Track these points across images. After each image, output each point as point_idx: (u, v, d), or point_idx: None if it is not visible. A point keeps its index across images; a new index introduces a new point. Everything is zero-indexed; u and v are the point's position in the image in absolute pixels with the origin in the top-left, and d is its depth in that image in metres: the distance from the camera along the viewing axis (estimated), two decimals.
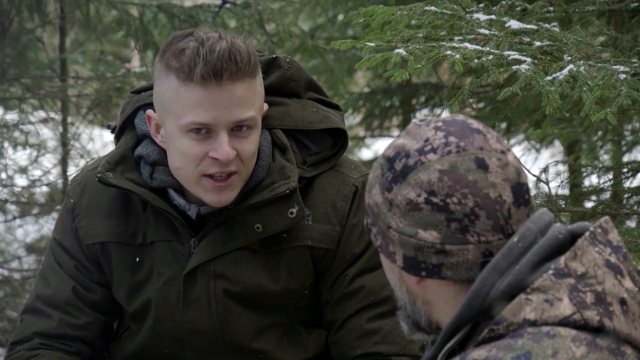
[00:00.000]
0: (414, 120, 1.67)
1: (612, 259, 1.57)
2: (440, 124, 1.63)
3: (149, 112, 2.21)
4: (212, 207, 2.24)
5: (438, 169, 1.58)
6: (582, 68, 2.76)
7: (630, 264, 1.59)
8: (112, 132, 2.35)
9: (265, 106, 2.23)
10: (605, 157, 4.96)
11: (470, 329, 1.59)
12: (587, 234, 1.58)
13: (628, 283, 1.57)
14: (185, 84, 2.09)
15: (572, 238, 1.61)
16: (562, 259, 1.55)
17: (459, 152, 1.58)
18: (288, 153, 2.26)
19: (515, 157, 1.62)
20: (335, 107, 2.37)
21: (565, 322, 1.51)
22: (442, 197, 1.57)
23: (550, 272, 1.54)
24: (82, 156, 5.55)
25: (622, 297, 1.55)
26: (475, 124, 1.63)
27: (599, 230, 1.60)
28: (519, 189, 1.59)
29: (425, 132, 1.62)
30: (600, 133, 4.63)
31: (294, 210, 2.22)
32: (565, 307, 1.52)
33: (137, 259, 2.31)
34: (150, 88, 2.28)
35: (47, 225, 5.70)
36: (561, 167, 4.30)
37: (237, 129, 2.14)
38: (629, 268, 1.59)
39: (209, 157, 2.14)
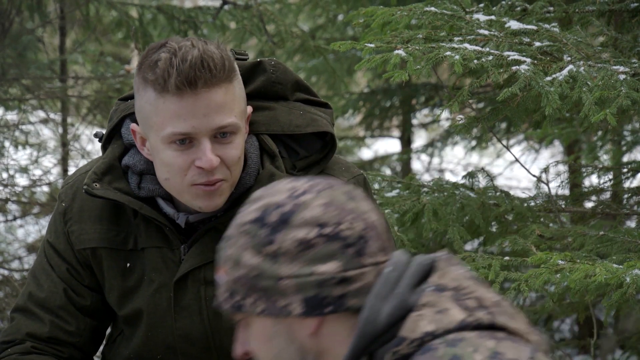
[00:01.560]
0: (255, 193, 1.73)
1: (470, 274, 1.68)
2: (289, 179, 1.71)
3: (133, 126, 2.20)
4: (201, 215, 2.23)
5: (319, 203, 1.64)
6: (582, 68, 2.76)
7: (482, 280, 1.71)
8: (100, 140, 2.34)
9: (249, 109, 2.21)
10: (605, 157, 4.96)
11: None
12: (441, 257, 1.68)
13: (490, 292, 1.67)
14: (162, 96, 2.08)
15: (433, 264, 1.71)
16: (434, 278, 1.64)
17: (330, 188, 1.67)
18: (277, 160, 2.25)
19: None
20: (324, 105, 2.36)
21: (463, 326, 1.59)
22: (333, 226, 1.62)
23: (430, 289, 1.62)
24: (82, 156, 5.55)
25: (496, 300, 1.64)
26: None
27: (446, 256, 1.70)
28: (384, 216, 1.72)
29: (283, 187, 1.69)
30: (600, 133, 4.64)
31: None
32: (457, 313, 1.60)
33: (128, 264, 2.30)
34: None
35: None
36: (561, 168, 4.30)
37: (220, 135, 2.12)
38: (484, 282, 1.70)
39: (194, 166, 2.13)
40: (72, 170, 5.73)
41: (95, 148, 5.97)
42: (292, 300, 1.62)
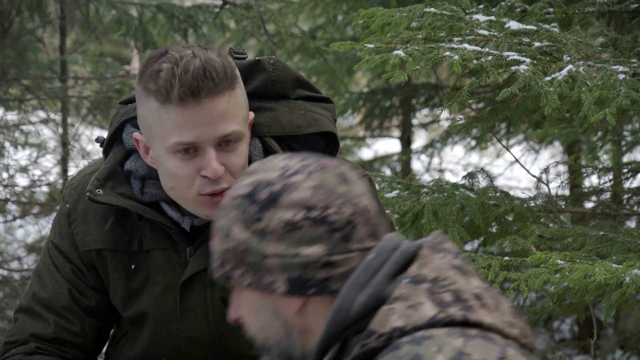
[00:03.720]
0: (251, 165, 1.73)
1: (455, 262, 1.66)
2: (284, 156, 1.71)
3: (136, 135, 2.19)
4: (206, 219, 2.24)
5: (309, 186, 1.63)
6: (582, 68, 2.76)
7: (470, 266, 1.68)
8: (101, 145, 2.33)
9: (251, 115, 2.20)
10: (605, 158, 4.96)
11: (339, 350, 1.63)
12: (426, 244, 1.66)
13: (475, 281, 1.64)
14: (165, 106, 2.07)
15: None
16: (413, 268, 1.63)
17: (322, 169, 1.66)
18: None
19: None
20: (326, 101, 2.35)
21: (433, 323, 1.58)
22: (320, 210, 1.62)
23: (406, 280, 1.61)
24: (83, 157, 5.56)
25: (476, 292, 1.62)
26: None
27: (436, 241, 1.68)
28: (376, 200, 1.69)
29: (277, 164, 1.68)
30: (600, 133, 4.64)
31: None
32: (429, 309, 1.58)
33: (133, 266, 2.30)
34: None
35: (48, 225, 5.70)
36: (561, 168, 4.30)
37: (224, 143, 2.11)
38: (471, 269, 1.68)
39: (200, 175, 2.12)
40: (72, 170, 5.73)
41: (95, 148, 5.97)
42: (277, 279, 1.63)
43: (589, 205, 3.98)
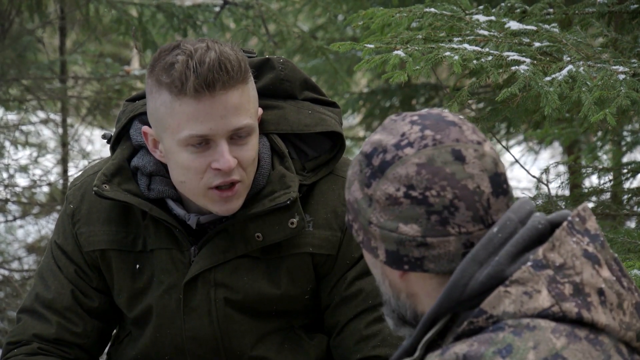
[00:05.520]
0: (390, 116, 1.69)
1: (590, 249, 1.59)
2: (415, 117, 1.65)
3: (145, 128, 2.20)
4: (212, 216, 2.23)
5: (415, 162, 1.60)
6: (582, 69, 2.76)
7: (607, 253, 1.61)
8: (108, 142, 2.33)
9: (260, 111, 2.21)
10: (605, 158, 4.96)
11: (449, 320, 1.60)
12: (564, 224, 1.60)
13: (605, 272, 1.58)
14: (179, 98, 2.08)
15: (552, 227, 1.62)
16: (540, 251, 1.57)
17: (435, 145, 1.60)
18: (287, 160, 2.24)
19: (491, 148, 1.64)
20: (332, 105, 2.35)
21: (544, 314, 1.53)
22: (420, 191, 1.59)
23: (529, 263, 1.56)
24: (83, 157, 5.56)
25: (600, 287, 1.56)
26: (451, 116, 1.65)
27: (577, 219, 1.61)
28: (497, 179, 1.61)
29: (401, 127, 1.64)
30: (600, 134, 4.63)
31: (295, 220, 2.22)
32: (543, 300, 1.54)
33: (137, 266, 2.30)
34: (145, 96, 2.27)
35: (48, 225, 5.70)
36: (561, 168, 4.30)
37: (236, 136, 2.13)
38: (606, 257, 1.61)
39: (211, 168, 2.12)
40: (72, 170, 5.74)
41: (95, 149, 5.97)
42: (379, 246, 1.63)
43: (589, 205, 3.98)
